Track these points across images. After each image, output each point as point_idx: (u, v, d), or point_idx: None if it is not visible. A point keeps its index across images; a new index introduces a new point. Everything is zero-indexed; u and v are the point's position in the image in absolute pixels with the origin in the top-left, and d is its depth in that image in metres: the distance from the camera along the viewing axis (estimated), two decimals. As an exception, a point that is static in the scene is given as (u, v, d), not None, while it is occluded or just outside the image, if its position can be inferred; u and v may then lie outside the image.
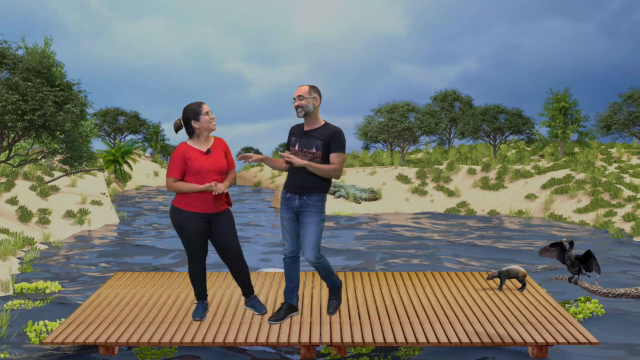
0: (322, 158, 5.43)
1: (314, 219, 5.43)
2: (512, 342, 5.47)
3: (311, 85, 5.50)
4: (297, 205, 5.47)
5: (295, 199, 5.48)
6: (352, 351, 6.01)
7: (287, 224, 5.56)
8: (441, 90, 34.38)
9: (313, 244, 5.41)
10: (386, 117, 25.73)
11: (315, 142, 5.42)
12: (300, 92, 5.43)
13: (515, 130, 26.74)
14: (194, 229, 5.58)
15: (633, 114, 26.28)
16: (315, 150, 5.43)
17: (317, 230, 5.43)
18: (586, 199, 17.91)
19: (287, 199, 5.53)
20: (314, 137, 5.44)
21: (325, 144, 5.43)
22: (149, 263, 10.79)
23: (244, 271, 5.90)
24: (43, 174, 18.80)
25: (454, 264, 10.77)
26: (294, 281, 5.67)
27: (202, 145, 5.61)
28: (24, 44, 15.22)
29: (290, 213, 5.54)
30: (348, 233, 14.55)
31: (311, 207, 5.43)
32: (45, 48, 20.77)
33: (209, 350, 6.01)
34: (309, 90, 5.44)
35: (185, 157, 5.54)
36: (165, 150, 38.64)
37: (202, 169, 5.52)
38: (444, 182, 21.19)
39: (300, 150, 5.47)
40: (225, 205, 5.73)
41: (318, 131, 5.45)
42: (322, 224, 5.47)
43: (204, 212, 5.59)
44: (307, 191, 5.44)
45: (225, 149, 5.74)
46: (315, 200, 5.44)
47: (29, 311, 7.37)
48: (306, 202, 5.44)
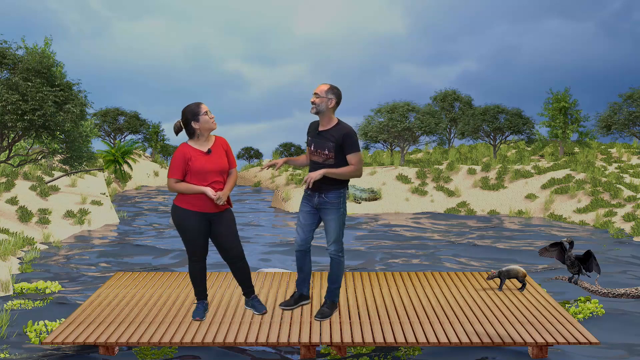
0: (335, 159, 5.58)
1: (333, 216, 5.67)
2: (512, 342, 5.47)
3: (332, 85, 5.63)
4: (316, 203, 5.71)
5: (314, 196, 5.70)
6: (352, 351, 6.01)
7: (303, 217, 5.80)
8: (441, 90, 34.39)
9: (334, 238, 5.71)
10: (386, 117, 25.73)
11: (328, 144, 5.58)
12: (318, 90, 5.55)
13: (515, 130, 26.74)
14: (195, 228, 5.60)
15: (633, 114, 26.27)
16: (327, 152, 5.58)
17: (338, 226, 5.70)
18: (586, 199, 17.91)
19: (308, 195, 5.76)
20: (326, 138, 5.58)
21: (337, 146, 5.56)
22: (149, 263, 10.79)
23: (245, 271, 5.92)
24: (43, 174, 18.80)
25: (454, 264, 10.77)
26: (305, 271, 5.97)
27: (202, 145, 5.62)
28: (24, 44, 15.22)
29: (309, 207, 5.78)
30: (348, 233, 14.55)
31: (330, 204, 5.65)
32: (45, 48, 20.76)
33: (209, 350, 6.01)
34: (326, 90, 5.57)
35: (186, 157, 5.55)
36: (165, 150, 38.64)
37: (203, 169, 5.54)
38: (444, 182, 21.19)
39: (315, 151, 5.66)
40: (225, 206, 5.74)
41: (330, 132, 5.59)
42: (343, 218, 5.72)
43: (205, 211, 5.61)
44: (325, 189, 5.63)
45: (226, 147, 5.75)
46: (333, 197, 5.64)
47: (29, 311, 7.37)
48: (324, 200, 5.66)
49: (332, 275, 5.89)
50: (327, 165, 5.62)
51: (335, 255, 5.79)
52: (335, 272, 5.87)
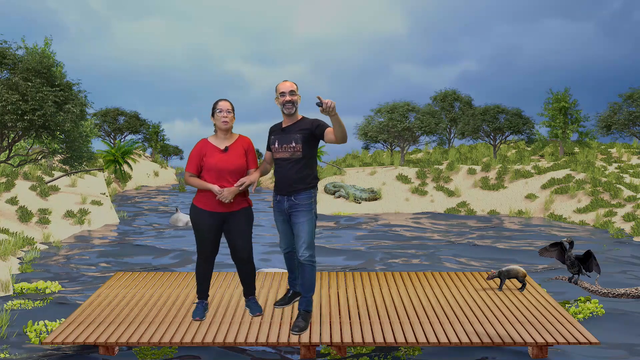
0: (302, 151, 5.43)
1: (304, 218, 5.46)
2: (512, 342, 5.47)
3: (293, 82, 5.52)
4: (287, 207, 5.52)
5: (284, 201, 5.53)
6: (352, 351, 6.01)
7: (280, 225, 5.70)
8: (441, 90, 34.40)
9: (307, 243, 5.45)
10: (386, 117, 25.73)
11: (294, 136, 5.43)
12: (292, 87, 5.43)
13: (515, 130, 26.74)
14: (206, 227, 5.64)
15: (633, 114, 26.27)
16: (295, 144, 5.44)
17: (310, 229, 5.47)
18: (586, 199, 17.91)
19: (278, 201, 5.61)
20: (292, 132, 5.46)
21: (306, 137, 5.42)
22: (149, 263, 10.79)
23: (250, 274, 5.95)
24: (43, 174, 18.80)
25: (454, 264, 10.77)
26: (295, 271, 5.93)
27: (221, 142, 5.63)
28: (24, 44, 15.20)
29: (282, 215, 5.61)
30: (348, 233, 14.55)
31: (301, 206, 5.46)
32: (45, 48, 20.75)
33: (209, 350, 6.01)
34: (296, 87, 5.47)
35: (201, 152, 5.58)
36: (165, 150, 38.63)
37: (216, 166, 5.52)
38: (444, 182, 21.19)
39: (280, 147, 5.49)
40: (241, 204, 5.72)
41: (296, 126, 5.49)
42: (314, 221, 5.52)
43: (218, 210, 5.62)
44: (295, 192, 5.47)
45: (248, 147, 5.68)
46: (304, 199, 5.47)
47: (29, 311, 7.36)
48: (295, 202, 5.47)
49: (306, 283, 5.59)
50: (295, 159, 5.44)
51: (308, 261, 5.46)
52: (309, 279, 5.57)
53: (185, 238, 13.70)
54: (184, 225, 15.84)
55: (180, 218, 16.02)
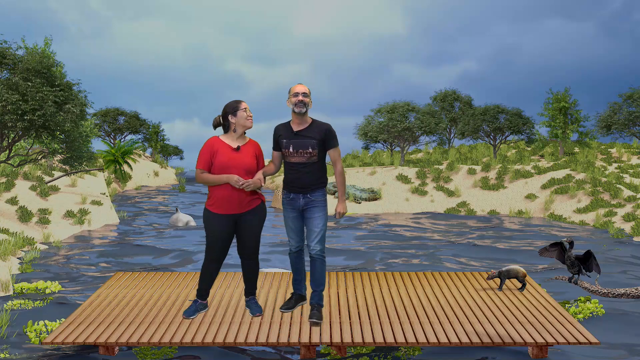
0: (317, 156, 5.62)
1: (319, 213, 5.70)
2: (512, 342, 5.47)
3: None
4: (302, 204, 5.71)
5: (299, 198, 5.70)
6: (352, 351, 6.01)
7: (292, 223, 5.80)
8: (441, 90, 34.39)
9: (320, 237, 5.70)
10: (386, 117, 25.72)
11: (310, 142, 5.59)
12: (305, 90, 5.60)
13: (515, 130, 26.73)
14: (217, 231, 5.66)
15: (633, 114, 26.27)
16: (311, 150, 5.59)
17: (324, 224, 5.73)
18: (586, 199, 17.91)
19: (291, 199, 5.74)
20: (307, 137, 5.60)
21: (320, 142, 5.61)
22: (149, 263, 10.79)
23: (253, 271, 5.96)
24: (43, 174, 18.80)
25: (454, 264, 10.77)
26: (301, 273, 6.00)
27: (233, 141, 5.64)
28: (24, 44, 15.22)
29: (294, 212, 5.77)
30: (348, 233, 14.55)
31: (317, 202, 5.69)
32: (45, 48, 20.76)
33: (209, 350, 6.01)
34: (309, 92, 5.64)
35: (212, 150, 5.58)
36: (165, 150, 38.61)
37: (227, 164, 5.53)
38: (444, 182, 21.19)
39: (296, 152, 5.61)
40: (253, 204, 5.72)
41: (309, 130, 5.60)
42: (327, 217, 5.77)
43: (229, 213, 5.63)
44: (310, 189, 5.67)
45: (258, 152, 5.74)
46: (319, 196, 5.70)
47: (29, 311, 7.36)
48: (311, 199, 5.68)
49: (317, 276, 5.80)
50: (311, 163, 5.62)
51: (319, 255, 5.72)
52: (319, 272, 5.78)
53: (185, 238, 13.70)
54: (184, 225, 15.84)
55: (180, 218, 16.02)
